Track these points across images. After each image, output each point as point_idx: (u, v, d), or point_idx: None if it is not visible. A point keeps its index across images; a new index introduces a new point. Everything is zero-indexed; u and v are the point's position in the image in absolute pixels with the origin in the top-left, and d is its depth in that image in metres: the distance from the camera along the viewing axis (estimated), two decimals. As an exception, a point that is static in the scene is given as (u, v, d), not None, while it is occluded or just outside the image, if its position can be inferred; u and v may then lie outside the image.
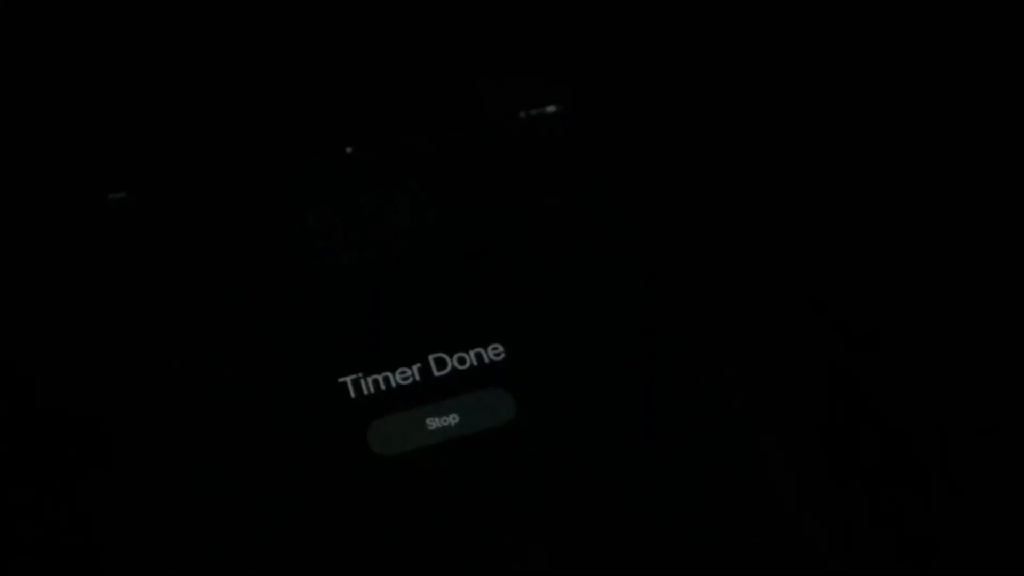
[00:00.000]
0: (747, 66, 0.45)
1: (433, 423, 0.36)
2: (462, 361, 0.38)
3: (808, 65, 0.45)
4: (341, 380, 0.37)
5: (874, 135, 0.44)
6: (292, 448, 0.36)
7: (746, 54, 0.45)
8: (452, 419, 0.37)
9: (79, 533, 0.34)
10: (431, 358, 0.38)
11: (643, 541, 0.35)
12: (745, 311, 0.40)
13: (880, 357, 0.39)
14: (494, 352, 0.38)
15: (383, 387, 0.37)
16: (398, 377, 0.37)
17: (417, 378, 0.37)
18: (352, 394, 0.37)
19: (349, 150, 0.42)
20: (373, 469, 0.35)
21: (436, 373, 0.37)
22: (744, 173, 0.43)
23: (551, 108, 0.44)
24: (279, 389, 0.37)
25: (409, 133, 0.42)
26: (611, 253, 0.40)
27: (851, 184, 0.43)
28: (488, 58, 0.45)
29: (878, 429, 0.38)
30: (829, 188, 0.43)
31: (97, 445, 0.36)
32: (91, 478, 0.35)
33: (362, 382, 0.37)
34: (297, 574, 0.34)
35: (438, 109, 0.43)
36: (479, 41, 0.45)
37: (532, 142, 0.43)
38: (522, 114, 0.43)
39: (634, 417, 0.37)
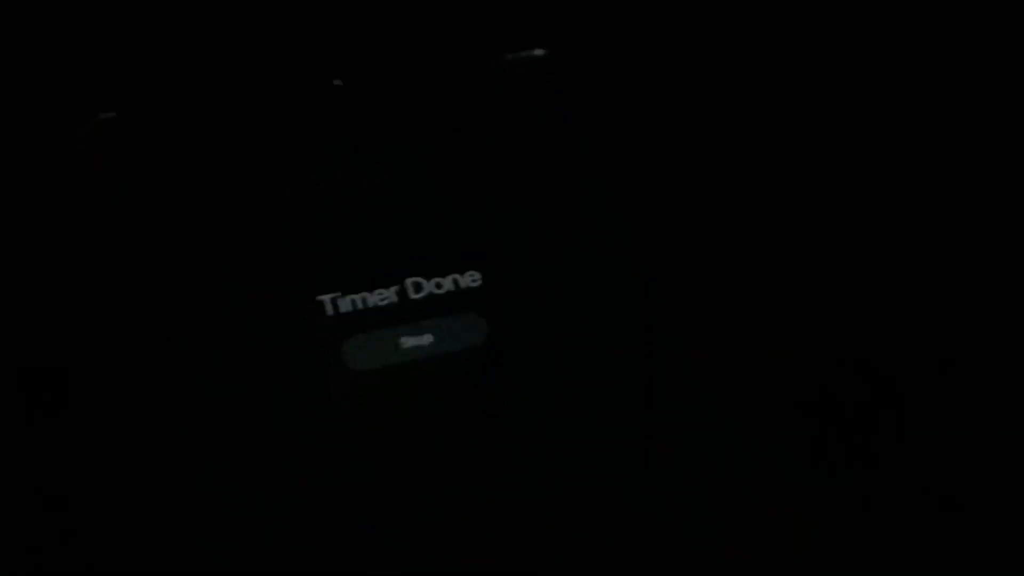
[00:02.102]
0: (747, 48, 0.45)
1: (407, 342, 0.37)
2: (439, 286, 0.39)
3: (813, 47, 0.45)
4: (319, 298, 0.38)
5: (880, 117, 0.44)
6: (268, 359, 0.36)
7: (746, 34, 0.46)
8: (426, 339, 0.37)
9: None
10: (408, 281, 0.38)
11: (605, 472, 0.36)
12: (730, 277, 0.41)
13: (880, 357, 0.39)
14: (471, 279, 0.39)
15: (360, 306, 0.38)
16: (375, 298, 0.38)
17: (394, 299, 0.38)
18: (329, 311, 0.38)
19: (338, 82, 0.42)
20: (348, 382, 0.36)
21: (412, 296, 0.38)
22: (741, 152, 0.43)
23: (538, 52, 0.44)
24: (257, 305, 0.37)
25: (391, 67, 0.43)
26: (598, 198, 0.41)
27: (854, 178, 0.43)
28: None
29: (877, 431, 0.38)
30: (832, 182, 0.43)
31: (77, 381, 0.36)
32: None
33: (339, 301, 0.38)
34: (273, 477, 0.34)
35: (422, 48, 0.44)
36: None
37: (518, 84, 0.43)
38: (509, 56, 0.44)
39: (606, 358, 0.38)
